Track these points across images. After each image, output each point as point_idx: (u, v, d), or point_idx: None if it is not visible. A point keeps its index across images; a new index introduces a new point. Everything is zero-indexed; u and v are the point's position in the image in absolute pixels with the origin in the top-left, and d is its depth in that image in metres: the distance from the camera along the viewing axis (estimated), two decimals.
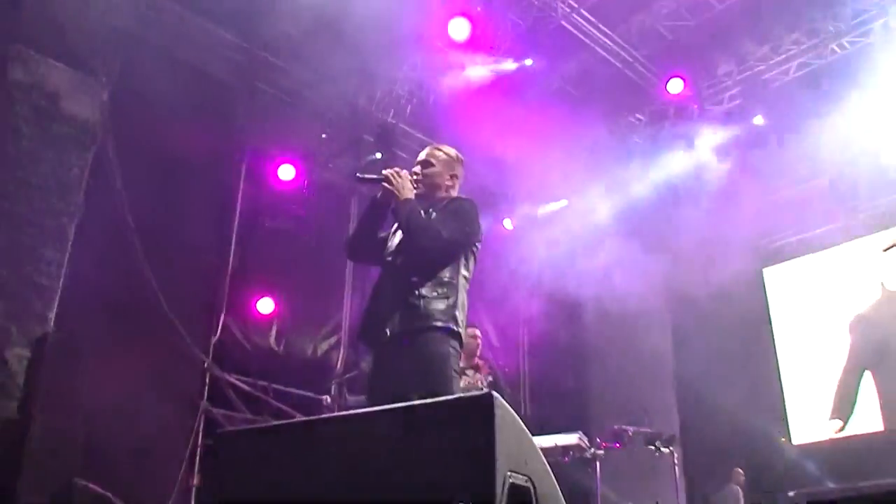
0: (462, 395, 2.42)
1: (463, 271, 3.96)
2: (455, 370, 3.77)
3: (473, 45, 9.75)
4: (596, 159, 11.77)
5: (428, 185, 4.09)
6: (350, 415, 2.64)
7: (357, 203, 10.85)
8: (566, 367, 12.02)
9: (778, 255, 11.72)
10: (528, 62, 10.14)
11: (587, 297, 12.31)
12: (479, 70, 10.07)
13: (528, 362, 12.39)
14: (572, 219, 11.37)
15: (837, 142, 9.98)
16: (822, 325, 11.13)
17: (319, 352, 10.18)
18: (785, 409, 11.10)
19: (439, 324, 3.72)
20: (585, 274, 11.67)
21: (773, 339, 11.49)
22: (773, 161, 10.62)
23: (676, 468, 8.50)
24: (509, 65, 10.12)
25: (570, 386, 11.79)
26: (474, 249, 4.07)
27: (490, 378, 7.31)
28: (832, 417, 10.32)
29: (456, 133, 10.31)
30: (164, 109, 8.70)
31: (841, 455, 10.20)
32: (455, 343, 3.80)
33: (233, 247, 9.38)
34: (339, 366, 10.16)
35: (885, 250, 4.87)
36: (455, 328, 3.79)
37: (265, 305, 9.46)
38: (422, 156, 4.24)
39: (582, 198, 11.53)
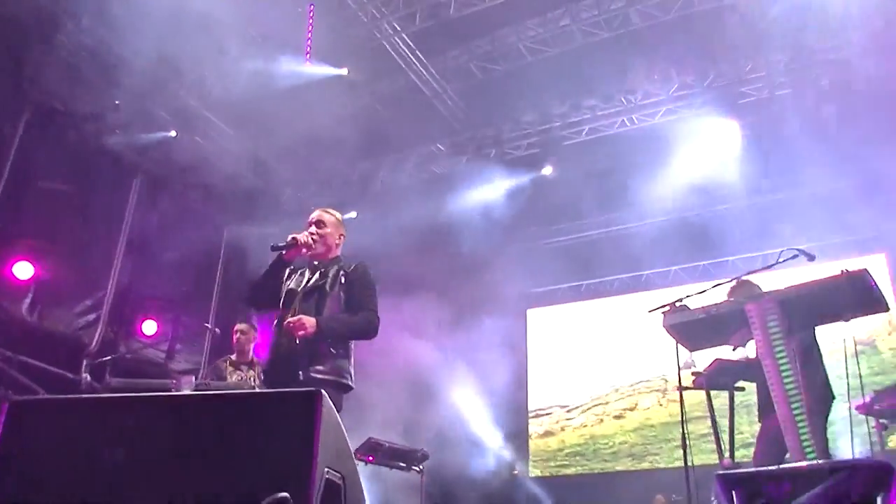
0: (292, 389, 2.43)
1: None
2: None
3: (292, 43, 9.70)
4: (393, 178, 12.01)
5: (324, 244, 4.64)
6: (178, 396, 2.57)
7: (140, 184, 10.37)
8: None
9: (542, 299, 12.45)
10: (344, 72, 10.17)
11: None
12: (293, 67, 9.97)
13: None
14: (357, 231, 11.42)
15: (612, 205, 10.86)
16: (569, 366, 12.05)
17: (75, 327, 9.56)
18: (528, 443, 11.80)
19: (344, 380, 4.33)
20: None
21: (528, 376, 12.21)
22: (554, 211, 11.35)
23: (422, 487, 8.73)
24: (324, 70, 10.11)
25: None
26: None
27: (262, 376, 7.19)
28: None
29: (256, 124, 10.24)
30: None
31: (569, 488, 11.10)
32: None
33: None
34: (94, 345, 9.58)
35: (651, 312, 5.29)
36: (351, 384, 4.40)
37: (23, 270, 8.74)
38: (314, 217, 4.74)
39: (370, 212, 11.67)
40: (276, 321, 4.54)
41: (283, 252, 4.53)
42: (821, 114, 9.47)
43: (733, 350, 5.23)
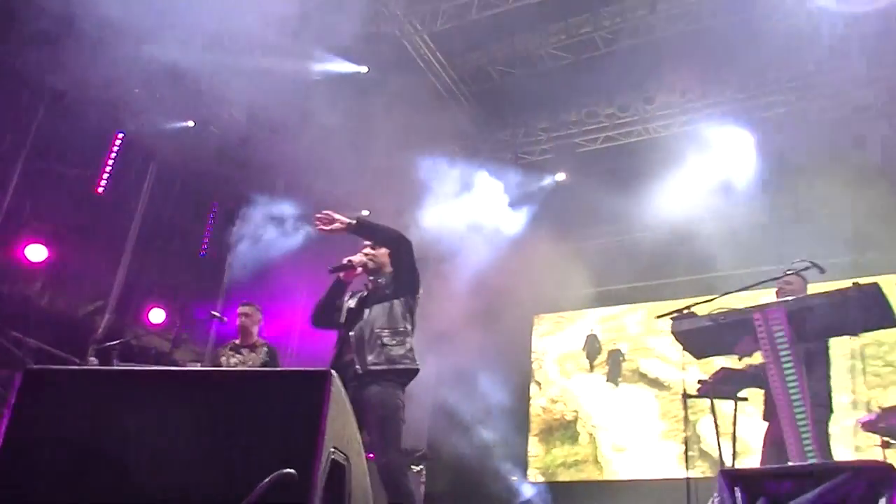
0: (301, 368, 2.45)
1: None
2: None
3: (313, 38, 9.73)
4: (406, 177, 12.00)
5: (377, 262, 5.05)
6: (187, 372, 2.58)
7: (156, 169, 10.43)
8: None
9: (547, 305, 12.41)
10: (364, 69, 10.20)
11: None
12: (312, 63, 10.01)
13: None
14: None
15: (623, 215, 10.84)
16: (574, 372, 12.05)
17: (82, 312, 9.61)
18: (527, 449, 11.77)
19: (402, 365, 4.75)
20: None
21: (531, 381, 12.21)
22: (565, 217, 11.32)
23: (423, 486, 8.75)
24: (343, 66, 10.15)
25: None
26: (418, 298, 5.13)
27: (265, 358, 7.09)
28: None
29: (273, 118, 10.28)
30: None
31: (569, 495, 11.08)
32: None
33: (14, 182, 8.65)
34: (100, 331, 9.64)
35: (659, 317, 5.27)
36: (413, 367, 4.84)
37: (36, 252, 8.77)
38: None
39: (382, 210, 11.65)
40: (337, 339, 4.99)
41: (341, 274, 5.02)
42: (839, 132, 9.46)
43: (739, 360, 5.22)
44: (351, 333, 4.86)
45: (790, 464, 3.93)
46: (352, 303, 5.08)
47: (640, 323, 11.83)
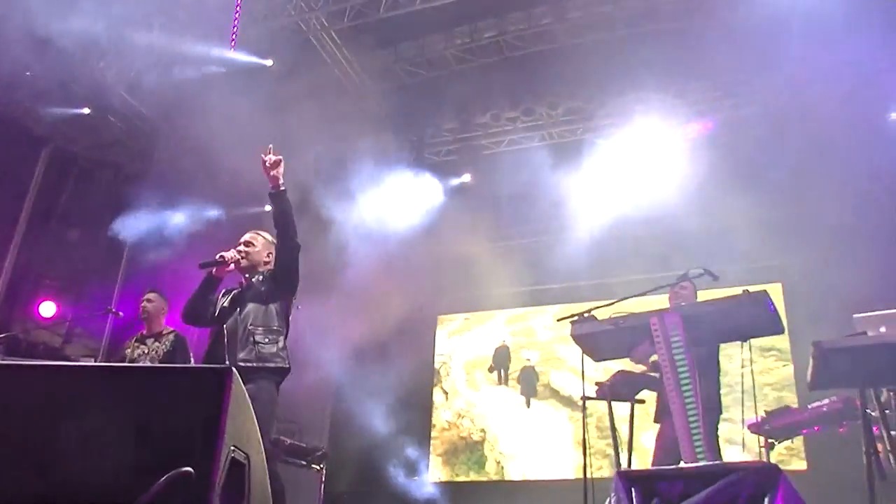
0: (201, 365, 2.40)
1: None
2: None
3: (217, 29, 9.54)
4: (307, 175, 11.86)
5: (252, 260, 5.02)
6: (81, 366, 2.49)
7: (48, 158, 10.02)
8: None
9: (452, 305, 12.49)
10: (269, 62, 10.05)
11: None
12: (216, 54, 9.81)
13: None
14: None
15: (528, 218, 10.99)
16: (476, 374, 12.14)
17: None
18: (429, 447, 11.81)
19: (273, 364, 4.74)
20: None
21: (433, 382, 12.24)
22: (469, 218, 11.41)
23: (322, 485, 8.69)
24: (249, 59, 9.98)
25: None
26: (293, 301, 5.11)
27: (168, 347, 6.80)
28: None
29: (174, 108, 10.02)
30: None
31: (469, 495, 11.17)
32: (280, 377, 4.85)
33: None
34: None
35: (560, 321, 5.39)
36: (284, 365, 4.81)
37: None
38: (246, 237, 5.12)
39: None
40: (210, 334, 4.95)
41: (213, 269, 4.92)
42: (736, 144, 9.82)
43: (636, 363, 5.38)
44: (224, 328, 4.85)
45: (682, 464, 4.10)
46: (225, 301, 5.04)
47: (549, 328, 11.93)
